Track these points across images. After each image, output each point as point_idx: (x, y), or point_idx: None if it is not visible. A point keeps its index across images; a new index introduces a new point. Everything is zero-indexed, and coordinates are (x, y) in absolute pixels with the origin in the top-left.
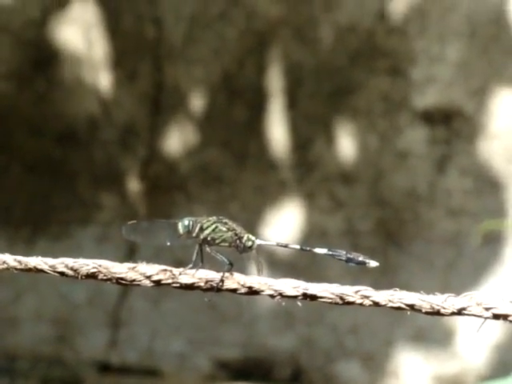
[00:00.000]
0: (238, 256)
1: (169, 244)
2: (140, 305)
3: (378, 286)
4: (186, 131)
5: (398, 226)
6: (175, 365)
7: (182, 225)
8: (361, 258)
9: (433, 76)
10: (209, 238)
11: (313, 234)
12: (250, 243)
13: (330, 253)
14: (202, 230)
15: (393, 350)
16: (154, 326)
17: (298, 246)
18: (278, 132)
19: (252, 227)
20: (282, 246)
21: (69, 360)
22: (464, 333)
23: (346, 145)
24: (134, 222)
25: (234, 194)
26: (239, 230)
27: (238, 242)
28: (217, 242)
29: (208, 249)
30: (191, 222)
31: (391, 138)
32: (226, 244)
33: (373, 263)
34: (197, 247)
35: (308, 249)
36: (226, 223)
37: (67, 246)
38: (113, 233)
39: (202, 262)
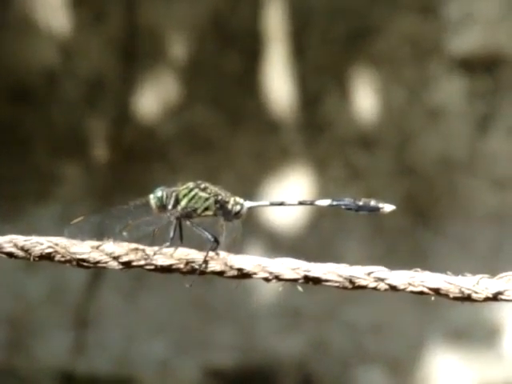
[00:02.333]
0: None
1: (125, 234)
2: (112, 300)
3: None
4: (167, 86)
5: (429, 201)
6: (156, 373)
7: (155, 197)
8: (373, 203)
9: (472, 14)
10: (188, 209)
11: (324, 211)
12: (237, 207)
13: (335, 203)
14: (178, 200)
15: (424, 352)
16: (129, 327)
17: (295, 202)
18: (280, 86)
19: None
20: (276, 204)
21: (23, 369)
22: None
23: (365, 101)
24: (81, 218)
25: (226, 162)
26: (223, 193)
27: (223, 208)
28: (198, 212)
29: (188, 222)
30: (165, 193)
31: (421, 92)
32: (210, 213)
33: (388, 207)
34: (174, 221)
35: (308, 202)
36: (205, 188)
37: (19, 227)
38: (76, 211)
39: (182, 239)
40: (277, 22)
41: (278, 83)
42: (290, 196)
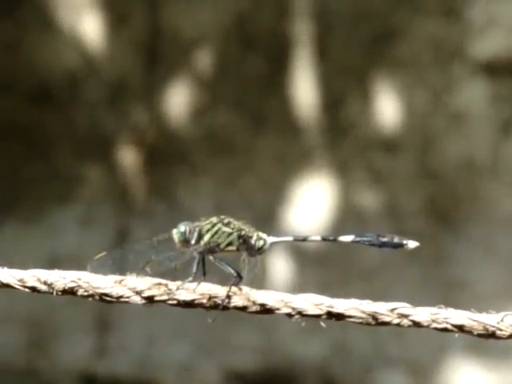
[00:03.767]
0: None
1: (148, 270)
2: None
3: (427, 280)
4: (190, 89)
5: (451, 205)
6: (177, 375)
7: (178, 232)
8: (396, 240)
9: (496, 17)
10: (211, 244)
11: (346, 215)
12: (261, 243)
13: (358, 239)
14: (201, 235)
15: (445, 357)
16: (150, 329)
17: (318, 238)
18: (303, 89)
19: (271, 207)
20: (299, 240)
21: (45, 371)
22: None
23: (387, 104)
24: (103, 254)
25: (248, 165)
26: (246, 228)
27: (246, 243)
28: (221, 246)
29: (211, 257)
30: (188, 228)
31: (444, 96)
32: (233, 248)
33: (412, 243)
34: (197, 256)
35: (331, 238)
36: (229, 223)
37: (43, 229)
38: (98, 213)
39: (205, 274)
40: (300, 25)
41: (301, 86)
42: (312, 201)
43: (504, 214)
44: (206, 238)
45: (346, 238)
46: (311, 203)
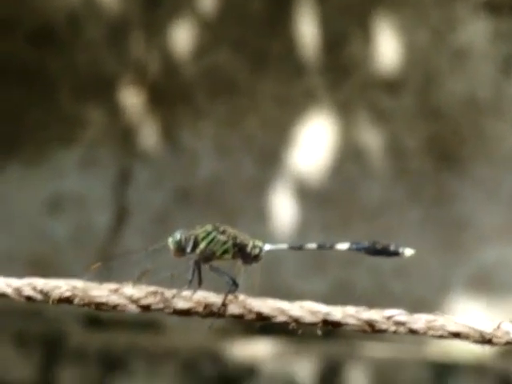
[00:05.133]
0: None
1: (143, 280)
2: (136, 241)
3: (430, 220)
4: (191, 27)
5: (454, 144)
6: (179, 317)
7: (173, 241)
8: (392, 248)
9: None
10: (207, 252)
11: (348, 155)
12: (256, 250)
13: (354, 247)
14: (196, 243)
15: (449, 295)
16: None
17: (314, 245)
18: (304, 28)
19: (273, 147)
20: (295, 248)
21: (48, 312)
22: None
23: (389, 43)
24: (99, 264)
25: (250, 105)
26: (241, 236)
27: (242, 251)
28: (217, 254)
29: (207, 265)
30: (183, 236)
31: (446, 34)
32: (229, 256)
33: (408, 251)
34: (193, 264)
35: (328, 246)
36: (224, 231)
37: (45, 171)
38: (100, 155)
39: (200, 282)
40: None
41: (303, 26)
42: (314, 141)
43: (507, 153)
44: (202, 246)
45: (342, 246)
46: (313, 143)
